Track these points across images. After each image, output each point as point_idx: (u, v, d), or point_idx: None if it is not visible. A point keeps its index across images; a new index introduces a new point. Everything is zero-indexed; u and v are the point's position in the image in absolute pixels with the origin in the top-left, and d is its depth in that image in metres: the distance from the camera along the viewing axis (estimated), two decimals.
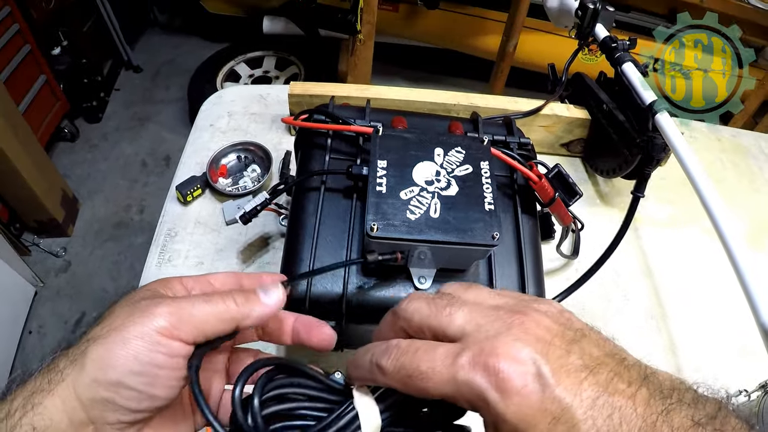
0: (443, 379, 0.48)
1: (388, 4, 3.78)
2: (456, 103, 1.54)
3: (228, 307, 0.57)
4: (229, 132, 1.68)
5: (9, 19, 3.20)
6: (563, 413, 0.45)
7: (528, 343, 0.48)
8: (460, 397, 0.48)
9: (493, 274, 0.95)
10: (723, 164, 1.82)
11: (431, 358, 0.50)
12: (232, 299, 0.58)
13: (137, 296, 0.57)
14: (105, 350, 0.51)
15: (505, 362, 0.46)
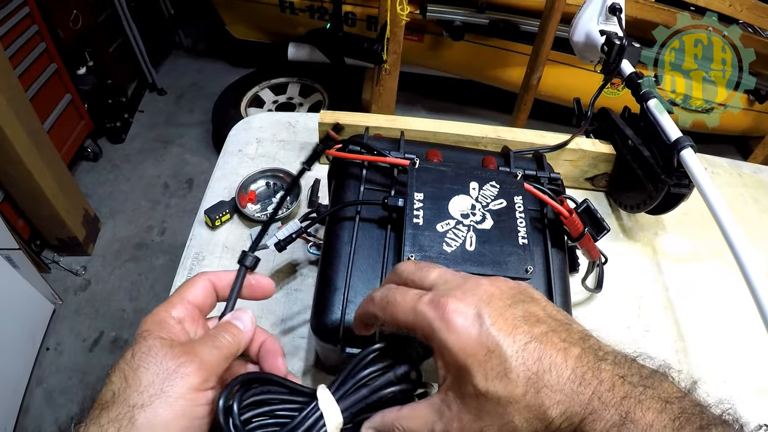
0: (407, 308, 0.63)
1: (414, 34, 3.80)
2: (484, 135, 1.55)
3: (230, 347, 0.67)
4: (257, 158, 1.70)
5: (37, 37, 3.24)
6: (496, 348, 0.57)
7: (476, 294, 0.62)
8: (417, 326, 0.62)
9: None
10: (744, 199, 1.82)
11: (404, 294, 0.65)
12: (229, 339, 0.68)
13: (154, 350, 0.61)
14: (154, 416, 0.56)
15: (453, 303, 0.60)
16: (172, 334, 0.65)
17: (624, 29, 1.60)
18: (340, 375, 0.71)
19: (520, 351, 0.56)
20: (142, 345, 0.61)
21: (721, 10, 3.18)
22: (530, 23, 3.51)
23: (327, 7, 3.70)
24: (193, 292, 0.72)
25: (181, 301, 0.70)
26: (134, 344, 0.62)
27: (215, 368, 0.63)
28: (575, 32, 1.69)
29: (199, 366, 0.61)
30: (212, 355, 0.64)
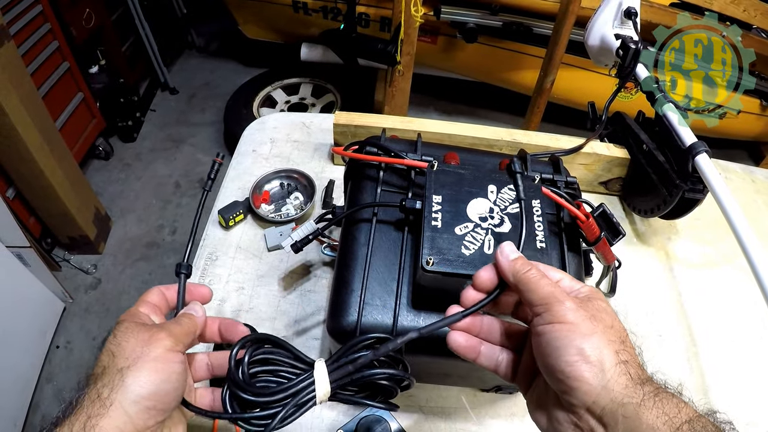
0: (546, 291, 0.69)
1: (427, 36, 3.79)
2: (499, 138, 1.55)
3: (189, 326, 0.80)
4: (271, 158, 1.70)
5: (49, 35, 3.25)
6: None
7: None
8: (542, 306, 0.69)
9: None
10: (757, 205, 1.82)
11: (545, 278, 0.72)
12: (187, 320, 0.81)
13: (131, 329, 0.74)
14: (138, 373, 0.68)
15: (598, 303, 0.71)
16: (142, 320, 0.78)
17: (639, 33, 1.60)
18: (337, 352, 0.81)
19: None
20: (121, 327, 0.74)
21: (736, 15, 3.18)
22: (544, 26, 3.51)
23: (340, 8, 3.69)
24: (149, 296, 0.84)
25: (142, 302, 0.82)
26: (114, 330, 0.74)
27: (180, 337, 0.76)
28: (590, 36, 1.69)
29: (168, 333, 0.74)
30: (176, 329, 0.77)
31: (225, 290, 1.38)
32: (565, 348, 0.65)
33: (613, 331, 0.67)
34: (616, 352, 0.65)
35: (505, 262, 0.74)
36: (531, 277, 0.71)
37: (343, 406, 1.21)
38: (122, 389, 0.66)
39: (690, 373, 1.36)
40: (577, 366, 0.64)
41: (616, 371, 0.63)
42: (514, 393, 1.23)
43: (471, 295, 0.77)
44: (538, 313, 0.69)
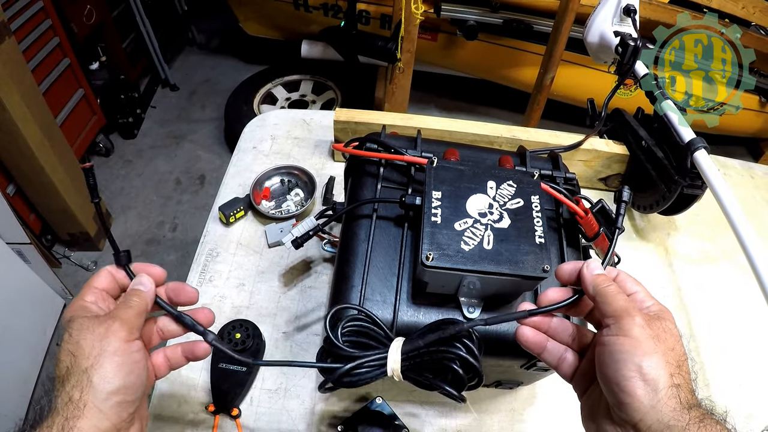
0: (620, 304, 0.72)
1: (428, 33, 3.79)
2: (499, 135, 1.56)
3: (139, 305, 0.79)
4: (271, 155, 1.70)
5: (50, 32, 3.24)
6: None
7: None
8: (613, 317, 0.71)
9: None
10: (756, 201, 1.82)
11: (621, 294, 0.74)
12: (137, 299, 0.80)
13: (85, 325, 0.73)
14: (102, 371, 0.70)
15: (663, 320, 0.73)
16: (91, 312, 0.77)
17: (638, 30, 1.60)
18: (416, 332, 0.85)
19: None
20: (74, 325, 0.73)
21: (735, 13, 3.18)
22: (544, 23, 3.51)
23: (341, 5, 3.70)
24: (98, 281, 0.82)
25: (90, 289, 0.80)
26: (66, 329, 0.73)
27: (134, 322, 0.76)
28: (589, 33, 1.69)
29: (122, 323, 0.74)
30: (128, 313, 0.77)
31: (226, 286, 1.39)
32: (624, 362, 0.67)
33: (673, 354, 0.69)
34: (671, 375, 0.67)
35: (588, 276, 0.77)
36: (609, 290, 0.74)
37: (342, 402, 1.21)
38: (91, 389, 0.68)
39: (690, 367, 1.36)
40: (632, 381, 0.66)
41: (668, 393, 0.65)
42: (515, 388, 1.24)
43: (550, 295, 0.81)
44: (607, 324, 0.72)
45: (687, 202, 1.47)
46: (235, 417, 1.17)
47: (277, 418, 1.19)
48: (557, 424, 1.25)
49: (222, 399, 1.17)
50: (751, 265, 1.08)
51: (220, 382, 1.19)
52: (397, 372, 0.82)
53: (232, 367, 1.20)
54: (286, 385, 1.23)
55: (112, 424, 0.69)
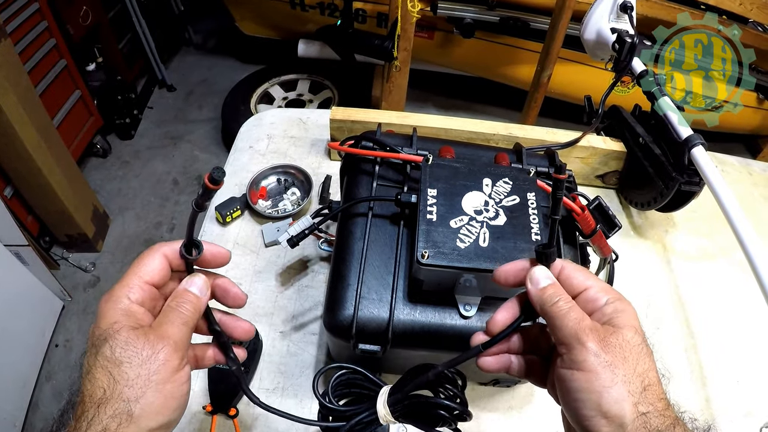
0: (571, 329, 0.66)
1: (424, 32, 3.80)
2: (495, 132, 1.55)
3: (192, 318, 0.72)
4: (268, 154, 1.70)
5: (46, 33, 3.24)
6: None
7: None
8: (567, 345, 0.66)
9: None
10: (754, 197, 1.82)
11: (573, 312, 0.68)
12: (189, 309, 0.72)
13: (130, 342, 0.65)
14: (148, 404, 0.63)
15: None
16: (140, 320, 0.69)
17: (635, 27, 1.60)
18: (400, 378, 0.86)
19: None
20: (119, 340, 0.65)
21: (732, 9, 3.18)
22: (541, 21, 3.51)
23: (337, 4, 3.70)
24: (148, 270, 0.73)
25: (139, 283, 0.71)
26: (108, 339, 0.65)
27: (185, 343, 0.70)
28: (586, 30, 1.69)
29: (174, 348, 0.67)
30: (181, 332, 0.69)
31: None
32: (583, 402, 0.63)
33: (636, 377, 0.64)
34: (635, 405, 0.62)
35: (534, 291, 0.71)
36: (557, 311, 0.68)
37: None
38: (132, 425, 0.62)
39: (688, 365, 1.36)
40: (595, 421, 0.62)
41: (635, 425, 0.61)
42: (512, 387, 1.24)
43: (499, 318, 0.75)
44: (560, 353, 0.67)
45: (684, 198, 1.47)
46: (232, 417, 1.16)
47: (275, 418, 1.18)
48: (555, 422, 1.24)
49: (219, 399, 1.17)
50: (749, 261, 1.08)
51: (218, 383, 1.18)
52: (391, 419, 0.85)
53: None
54: (284, 384, 1.23)
55: None
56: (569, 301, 0.69)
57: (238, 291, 0.81)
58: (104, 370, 0.63)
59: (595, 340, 0.65)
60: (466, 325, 0.94)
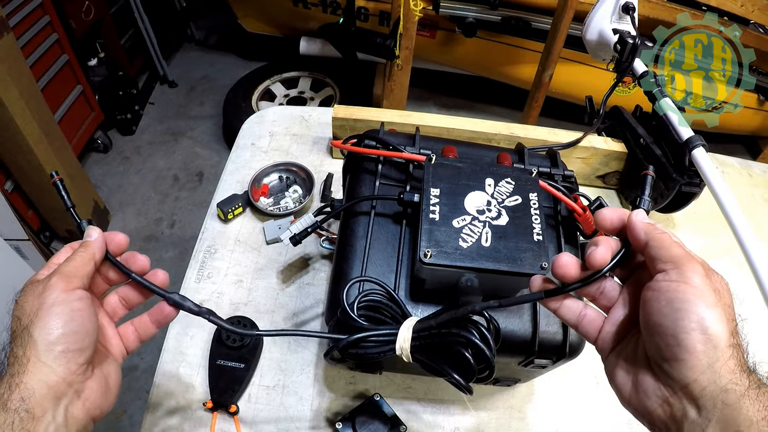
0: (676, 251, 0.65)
1: (426, 30, 3.80)
2: (497, 132, 1.56)
3: (84, 255, 0.78)
4: (270, 152, 1.70)
5: (48, 28, 3.24)
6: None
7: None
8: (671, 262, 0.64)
9: (537, 304, 0.97)
10: (755, 199, 1.83)
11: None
12: (81, 250, 0.79)
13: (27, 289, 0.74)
14: (41, 322, 0.69)
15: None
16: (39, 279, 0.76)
17: (637, 28, 1.60)
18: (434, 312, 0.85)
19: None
20: (20, 292, 0.74)
21: (733, 11, 3.17)
22: (543, 21, 3.51)
23: (340, 2, 3.70)
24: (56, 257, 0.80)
25: (46, 266, 0.79)
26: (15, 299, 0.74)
27: (75, 272, 0.75)
28: (588, 30, 1.69)
29: (60, 275, 0.74)
30: (69, 266, 0.76)
31: (224, 283, 1.39)
32: (685, 311, 0.60)
33: (731, 311, 0.63)
34: (731, 333, 0.61)
35: (638, 222, 0.70)
36: (664, 237, 0.67)
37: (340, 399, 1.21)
38: (32, 343, 0.68)
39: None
40: (693, 336, 0.59)
41: (727, 353, 0.59)
42: (512, 385, 1.24)
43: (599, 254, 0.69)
44: (663, 269, 0.64)
45: (685, 199, 1.47)
46: (233, 414, 1.16)
47: (275, 415, 1.19)
48: (556, 421, 1.25)
49: (220, 396, 1.17)
50: (748, 263, 1.08)
51: (218, 379, 1.19)
52: (406, 351, 0.83)
53: (230, 364, 1.20)
54: (284, 381, 1.23)
55: (59, 377, 0.69)
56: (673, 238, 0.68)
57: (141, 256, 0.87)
58: (13, 318, 0.72)
59: (702, 265, 0.64)
60: None
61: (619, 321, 0.72)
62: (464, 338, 0.79)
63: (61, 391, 0.69)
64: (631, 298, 0.72)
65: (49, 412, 0.68)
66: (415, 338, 0.82)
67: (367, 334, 0.84)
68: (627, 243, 0.71)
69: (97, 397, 0.75)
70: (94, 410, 0.75)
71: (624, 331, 0.72)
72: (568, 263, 0.70)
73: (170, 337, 1.28)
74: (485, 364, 0.81)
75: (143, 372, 2.84)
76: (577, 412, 1.26)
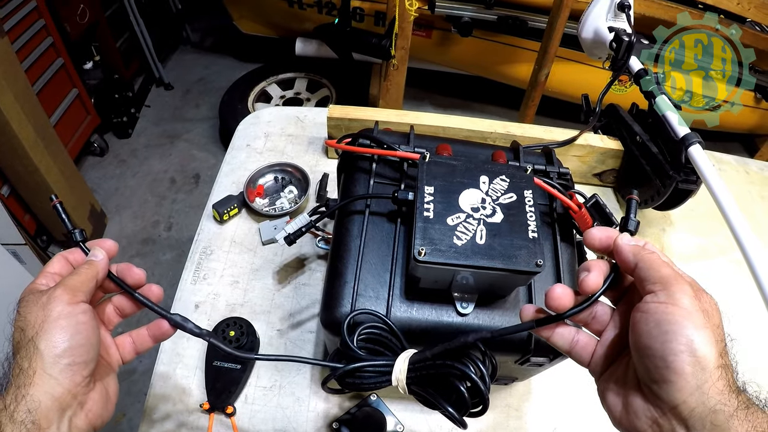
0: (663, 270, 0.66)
1: (422, 30, 3.79)
2: (493, 131, 1.56)
3: (88, 271, 0.78)
4: (265, 152, 1.70)
5: (43, 32, 3.24)
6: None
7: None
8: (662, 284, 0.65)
9: (533, 302, 0.97)
10: (752, 197, 1.82)
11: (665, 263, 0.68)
12: (86, 267, 0.79)
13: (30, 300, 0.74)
14: (47, 335, 0.70)
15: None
16: (41, 289, 0.77)
17: (632, 26, 1.60)
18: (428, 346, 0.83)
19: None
20: (22, 303, 0.75)
21: (729, 9, 3.18)
22: (539, 20, 3.52)
23: (335, 2, 3.70)
24: (51, 266, 0.82)
25: (43, 274, 0.80)
26: (17, 309, 0.75)
27: (79, 287, 0.75)
28: (584, 29, 1.69)
29: (65, 288, 0.74)
30: (74, 279, 0.76)
31: (220, 284, 1.39)
32: (674, 334, 0.60)
33: (719, 332, 0.63)
34: (719, 354, 0.61)
35: (625, 245, 0.71)
36: (653, 258, 0.68)
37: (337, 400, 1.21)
38: (38, 356, 0.69)
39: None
40: (681, 357, 0.60)
41: (716, 374, 0.60)
42: (510, 384, 1.24)
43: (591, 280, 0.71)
44: (652, 291, 0.65)
45: (682, 197, 1.47)
46: (229, 415, 1.17)
47: (272, 416, 1.19)
48: (553, 419, 1.25)
49: (216, 397, 1.17)
50: (746, 260, 1.08)
51: (215, 380, 1.19)
52: (402, 383, 0.82)
53: (227, 365, 1.20)
54: (281, 382, 1.23)
55: (65, 389, 0.69)
56: (662, 258, 0.69)
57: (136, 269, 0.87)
58: (16, 329, 0.72)
59: (691, 285, 0.65)
60: (463, 322, 0.93)
61: (610, 343, 0.73)
62: (459, 371, 0.79)
63: (66, 403, 0.70)
64: (622, 320, 0.73)
65: (54, 423, 0.69)
66: (411, 370, 0.82)
67: (364, 364, 0.83)
68: (615, 266, 0.73)
69: (99, 408, 0.76)
70: (96, 420, 0.76)
71: (615, 353, 0.73)
72: (562, 295, 0.71)
73: None
74: (479, 398, 0.81)
75: (141, 375, 2.84)
76: (574, 411, 1.26)
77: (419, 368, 0.82)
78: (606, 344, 0.73)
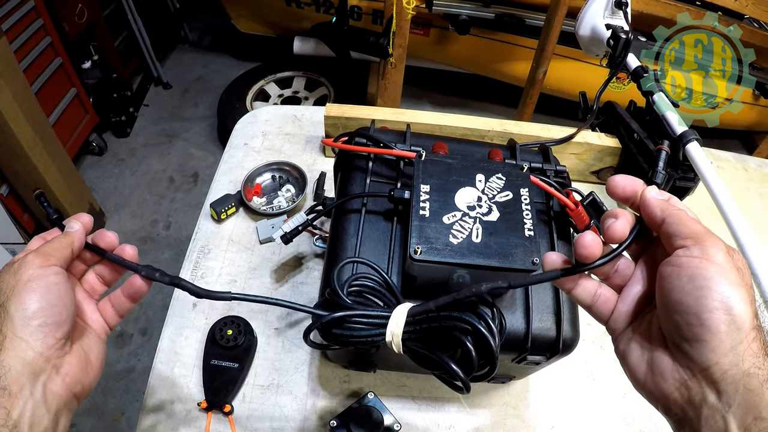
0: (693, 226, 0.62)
1: (420, 28, 3.80)
2: (490, 129, 1.55)
3: (63, 240, 0.77)
4: (263, 151, 1.70)
5: (42, 31, 3.24)
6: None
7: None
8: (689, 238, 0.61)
9: (530, 300, 0.97)
10: (750, 194, 1.82)
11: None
12: (60, 237, 0.78)
13: (2, 270, 0.73)
14: (17, 298, 0.69)
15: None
16: None
17: (630, 23, 1.60)
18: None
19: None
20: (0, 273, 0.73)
21: (727, 5, 3.17)
22: (536, 17, 3.53)
23: (333, 1, 3.70)
24: (29, 246, 0.79)
25: (22, 252, 0.78)
26: None
27: (52, 252, 0.75)
28: (581, 26, 1.69)
29: (36, 254, 0.73)
30: (46, 246, 0.76)
31: (218, 283, 1.39)
32: (708, 290, 0.56)
33: (752, 292, 0.59)
34: (754, 315, 0.57)
35: (652, 198, 0.67)
36: (681, 213, 0.64)
37: (334, 398, 1.21)
38: (8, 320, 0.68)
39: None
40: (716, 315, 0.55)
41: (750, 336, 0.56)
42: (507, 382, 1.24)
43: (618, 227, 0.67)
44: (684, 245, 0.61)
45: (680, 194, 1.47)
46: (227, 413, 1.16)
47: (270, 414, 1.19)
48: (551, 418, 1.25)
49: (214, 395, 1.17)
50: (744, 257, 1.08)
51: (212, 379, 1.19)
52: (398, 338, 0.78)
53: (224, 364, 1.20)
54: (279, 381, 1.23)
55: (37, 352, 0.68)
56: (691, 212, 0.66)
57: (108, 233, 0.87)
58: None
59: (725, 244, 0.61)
60: None
61: (633, 299, 0.70)
62: (468, 323, 0.74)
63: (39, 367, 0.69)
64: (646, 275, 0.70)
65: (27, 388, 0.67)
66: (410, 323, 0.78)
67: (354, 312, 0.80)
68: (640, 218, 0.69)
69: (77, 372, 0.75)
70: (75, 386, 0.74)
71: (638, 309, 0.69)
72: (593, 243, 0.66)
73: (164, 337, 1.28)
74: (487, 357, 0.75)
75: (140, 374, 2.84)
76: (572, 409, 1.26)
77: (419, 321, 0.78)
78: (628, 300, 0.70)
